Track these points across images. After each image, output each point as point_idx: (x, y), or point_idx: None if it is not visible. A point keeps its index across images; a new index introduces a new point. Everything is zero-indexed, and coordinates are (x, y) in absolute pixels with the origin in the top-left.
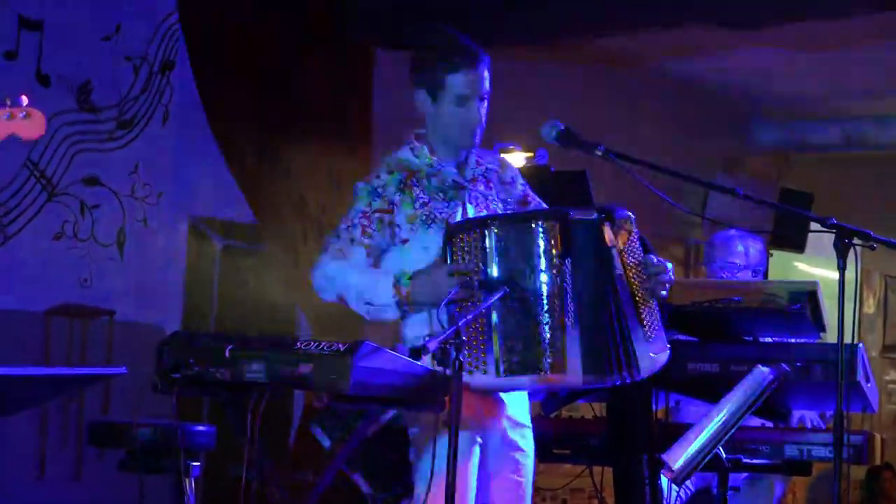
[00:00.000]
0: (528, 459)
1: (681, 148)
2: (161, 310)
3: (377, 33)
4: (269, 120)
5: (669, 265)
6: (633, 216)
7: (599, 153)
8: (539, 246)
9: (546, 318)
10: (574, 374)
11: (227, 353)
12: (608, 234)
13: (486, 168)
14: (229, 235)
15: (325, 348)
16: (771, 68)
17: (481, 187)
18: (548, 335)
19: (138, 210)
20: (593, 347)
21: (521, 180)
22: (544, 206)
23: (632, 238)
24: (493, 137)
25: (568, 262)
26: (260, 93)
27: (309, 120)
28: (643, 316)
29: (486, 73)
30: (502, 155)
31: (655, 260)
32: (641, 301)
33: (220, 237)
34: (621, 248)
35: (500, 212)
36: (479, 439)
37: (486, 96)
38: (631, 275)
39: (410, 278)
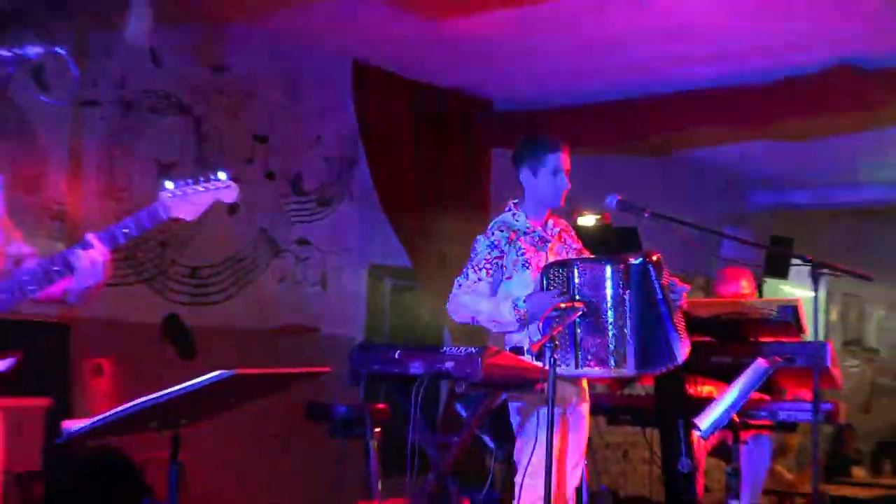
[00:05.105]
0: (585, 421)
1: (700, 209)
2: (351, 328)
3: (495, 137)
4: (421, 198)
5: (686, 286)
6: (662, 257)
7: (647, 215)
8: (608, 280)
9: (612, 329)
10: (629, 367)
11: (396, 356)
12: (651, 270)
13: (560, 229)
14: (396, 277)
15: (462, 351)
16: (762, 153)
17: (558, 243)
18: (613, 341)
19: (335, 260)
20: (644, 349)
21: (576, 240)
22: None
23: (664, 271)
24: (573, 206)
25: (629, 292)
26: (415, 179)
27: (446, 200)
28: (676, 323)
29: (568, 158)
30: (578, 217)
31: (678, 286)
32: (673, 313)
33: (389, 278)
34: (658, 278)
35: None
36: (560, 410)
37: (568, 173)
38: (666, 295)
39: (524, 302)
